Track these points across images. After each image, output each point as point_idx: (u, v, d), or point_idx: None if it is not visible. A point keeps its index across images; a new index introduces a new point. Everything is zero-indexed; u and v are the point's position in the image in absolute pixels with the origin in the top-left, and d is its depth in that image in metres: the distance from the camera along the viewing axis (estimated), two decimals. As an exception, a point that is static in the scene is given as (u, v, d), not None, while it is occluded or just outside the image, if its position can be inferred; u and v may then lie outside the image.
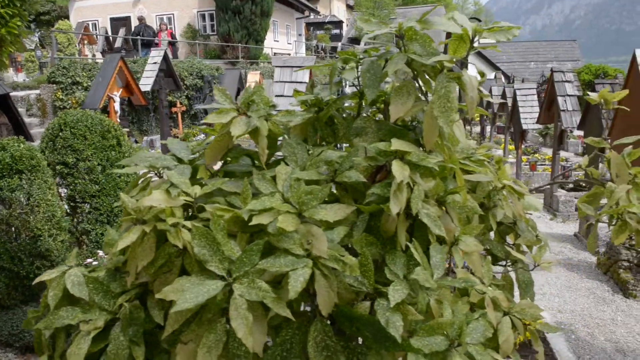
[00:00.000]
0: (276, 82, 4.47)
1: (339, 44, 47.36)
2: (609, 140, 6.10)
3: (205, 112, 11.97)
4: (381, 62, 1.62)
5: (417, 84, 1.59)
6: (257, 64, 24.19)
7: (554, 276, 6.32)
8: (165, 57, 9.18)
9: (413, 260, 1.45)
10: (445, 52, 1.61)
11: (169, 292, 1.28)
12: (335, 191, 1.62)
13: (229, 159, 1.82)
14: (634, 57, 5.62)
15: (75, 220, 5.14)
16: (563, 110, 8.10)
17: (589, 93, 2.81)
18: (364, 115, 1.81)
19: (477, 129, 15.76)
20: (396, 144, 1.47)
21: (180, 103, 13.96)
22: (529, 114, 9.67)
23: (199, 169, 1.73)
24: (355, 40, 46.31)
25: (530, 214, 2.03)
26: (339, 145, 1.88)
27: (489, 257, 1.70)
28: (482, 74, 1.60)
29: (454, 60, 1.58)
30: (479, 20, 41.81)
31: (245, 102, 1.61)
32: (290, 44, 36.76)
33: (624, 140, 2.06)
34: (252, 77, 12.21)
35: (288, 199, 1.46)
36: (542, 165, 11.03)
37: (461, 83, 1.51)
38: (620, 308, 5.50)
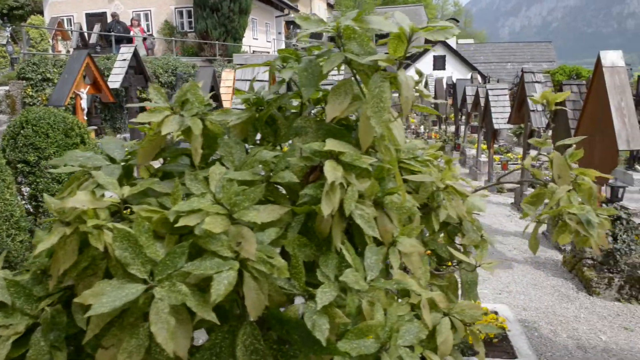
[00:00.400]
0: (238, 80, 4.43)
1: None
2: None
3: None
4: (320, 61, 1.60)
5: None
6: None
7: (521, 274, 6.38)
8: (135, 54, 9.04)
9: (346, 262, 1.43)
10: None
11: (88, 295, 1.24)
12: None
13: (169, 158, 1.78)
14: (598, 59, 5.69)
15: (37, 219, 5.03)
16: (533, 111, 8.18)
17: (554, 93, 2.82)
18: (306, 114, 1.78)
19: (452, 128, 15.86)
20: (330, 144, 1.45)
21: (156, 101, 13.75)
22: (501, 114, 9.75)
23: (141, 169, 1.69)
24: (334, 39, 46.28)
25: (478, 213, 2.02)
26: (282, 145, 1.85)
27: (426, 258, 1.68)
28: (420, 73, 1.59)
29: (398, 59, 1.57)
30: (457, 21, 42.21)
31: (179, 100, 1.57)
32: (269, 42, 36.62)
33: (567, 141, 2.07)
34: (227, 75, 12.08)
35: (219, 200, 1.42)
36: (514, 164, 11.14)
37: (397, 83, 1.48)
38: (584, 305, 5.57)
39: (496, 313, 4.47)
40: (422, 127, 19.51)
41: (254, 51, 31.31)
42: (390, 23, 1.51)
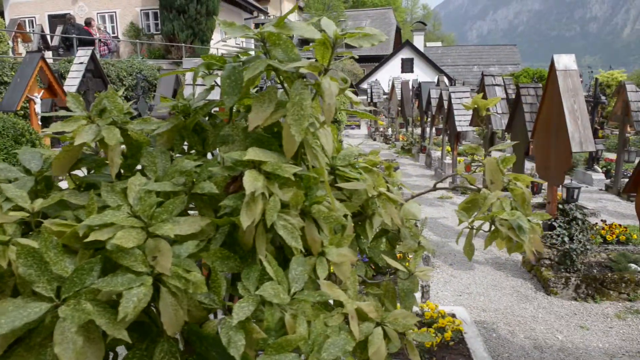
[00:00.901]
0: (187, 85, 4.36)
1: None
2: (531, 143, 6.21)
3: (150, 111, 11.67)
4: (244, 68, 1.56)
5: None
6: (204, 65, 23.77)
7: (482, 275, 6.44)
8: (92, 57, 8.84)
9: (268, 275, 1.39)
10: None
11: (-12, 316, 1.17)
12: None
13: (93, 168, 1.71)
14: (552, 63, 5.79)
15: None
16: (493, 113, 8.29)
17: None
18: (239, 121, 1.74)
19: (418, 130, 15.99)
20: (251, 153, 1.41)
21: (120, 105, 13.52)
22: (463, 117, 9.85)
23: (68, 181, 1.63)
24: (306, 42, 46.36)
25: (416, 219, 2.00)
26: (213, 154, 1.80)
27: (355, 269, 1.65)
28: (345, 80, 1.56)
29: (325, 65, 1.54)
30: (424, 24, 42.67)
31: (96, 108, 1.51)
32: (238, 44, 36.41)
33: (500, 146, 2.07)
34: (189, 75, 11.95)
35: (136, 213, 1.37)
36: (478, 166, 11.27)
37: (320, 90, 1.46)
38: (542, 305, 5.64)
39: (454, 315, 4.49)
40: (389, 129, 19.65)
41: (222, 54, 31.06)
42: (313, 29, 1.48)
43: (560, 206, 6.03)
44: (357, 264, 1.90)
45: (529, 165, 10.33)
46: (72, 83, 8.29)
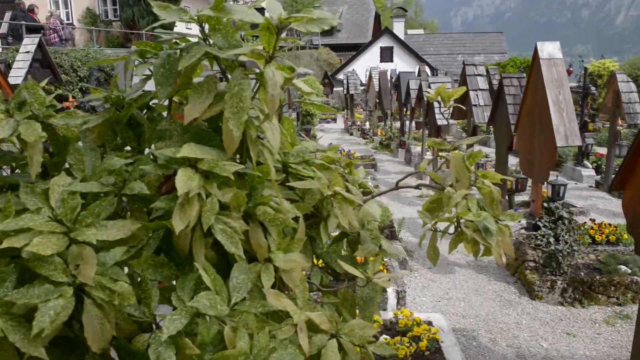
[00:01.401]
0: (135, 76, 4.28)
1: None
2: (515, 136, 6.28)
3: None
4: (179, 56, 1.53)
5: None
6: (166, 54, 23.58)
7: (462, 279, 6.50)
8: (40, 45, 8.65)
9: (204, 284, 1.37)
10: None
11: None
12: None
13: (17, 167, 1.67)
14: (535, 51, 5.87)
15: None
16: (475, 105, 8.38)
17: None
18: (179, 114, 1.71)
19: (398, 124, 16.08)
20: (186, 150, 1.38)
21: (73, 97, 13.34)
22: (444, 109, 9.88)
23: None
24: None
25: (376, 220, 1.99)
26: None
27: (304, 275, 1.64)
28: (292, 70, 1.54)
29: (268, 53, 1.52)
30: (405, 11, 42.86)
31: (15, 101, 1.47)
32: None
33: (466, 141, 2.08)
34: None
35: (57, 216, 1.33)
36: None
37: (262, 80, 1.44)
38: (526, 310, 5.72)
39: (430, 323, 4.52)
40: (367, 123, 19.71)
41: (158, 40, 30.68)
42: (254, 13, 1.46)
43: (546, 205, 6.11)
44: (312, 270, 1.89)
45: (514, 160, 10.45)
46: (17, 74, 8.11)
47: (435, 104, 10.12)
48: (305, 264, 1.66)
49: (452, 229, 1.89)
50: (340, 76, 31.01)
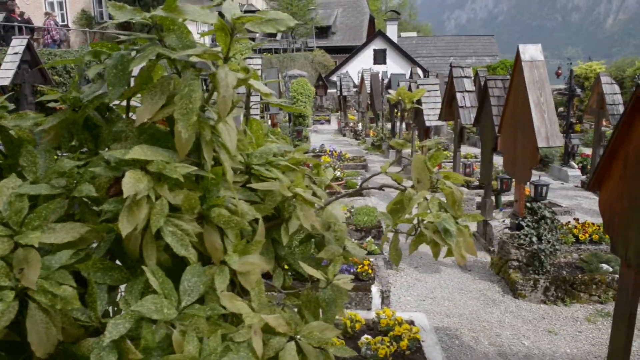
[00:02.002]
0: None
1: (256, 34, 47.07)
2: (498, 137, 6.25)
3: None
4: (133, 57, 1.49)
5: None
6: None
7: (448, 278, 6.46)
8: (29, 46, 8.58)
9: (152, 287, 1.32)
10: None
11: None
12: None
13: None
14: (517, 54, 5.84)
15: None
16: (462, 107, 8.34)
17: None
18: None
19: (389, 125, 16.04)
20: (136, 151, 1.34)
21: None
22: (432, 110, 9.90)
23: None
24: (273, 33, 46.24)
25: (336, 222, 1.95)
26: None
27: (260, 277, 1.59)
28: (246, 70, 1.50)
29: (222, 54, 1.48)
30: (398, 14, 42.83)
31: (-37, 102, 1.43)
32: (199, 33, 35.97)
33: (427, 142, 2.04)
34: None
35: (3, 219, 1.29)
36: (449, 163, 11.36)
37: (215, 81, 1.40)
38: (509, 309, 5.69)
39: (412, 323, 4.48)
40: (360, 124, 19.67)
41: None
42: (207, 13, 1.42)
43: (529, 204, 6.09)
44: (274, 272, 1.85)
45: (500, 161, 10.43)
46: (5, 75, 8.03)
47: (424, 106, 10.10)
48: (264, 266, 1.62)
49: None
50: (334, 78, 30.97)
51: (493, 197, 7.69)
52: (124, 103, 1.64)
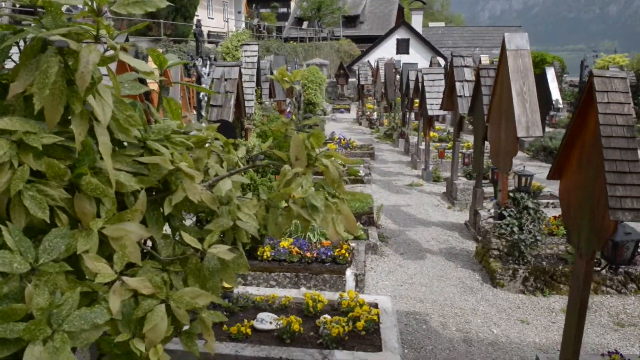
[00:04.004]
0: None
1: (285, 23, 47.07)
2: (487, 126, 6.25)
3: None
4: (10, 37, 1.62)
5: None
6: (187, 42, 23.91)
7: (431, 265, 6.52)
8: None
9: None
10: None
11: None
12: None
13: None
14: (503, 42, 5.83)
15: None
16: (460, 97, 8.32)
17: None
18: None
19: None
20: (4, 122, 1.47)
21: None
22: (436, 100, 9.88)
23: None
24: (302, 20, 46.22)
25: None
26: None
27: (134, 243, 1.70)
28: (113, 48, 1.61)
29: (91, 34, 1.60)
30: (424, 3, 42.34)
31: None
32: (226, 21, 36.33)
33: (307, 121, 2.12)
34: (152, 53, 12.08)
35: None
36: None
37: (76, 58, 1.51)
38: (486, 297, 5.73)
39: (375, 305, 4.57)
40: (375, 114, 19.66)
41: (209, 32, 31.03)
42: (75, -4, 1.53)
43: (511, 195, 6.10)
44: (166, 242, 1.97)
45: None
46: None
47: (427, 95, 10.09)
48: (142, 233, 1.74)
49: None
50: (356, 67, 30.88)
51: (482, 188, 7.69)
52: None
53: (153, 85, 4.14)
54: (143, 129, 1.94)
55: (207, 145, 2.15)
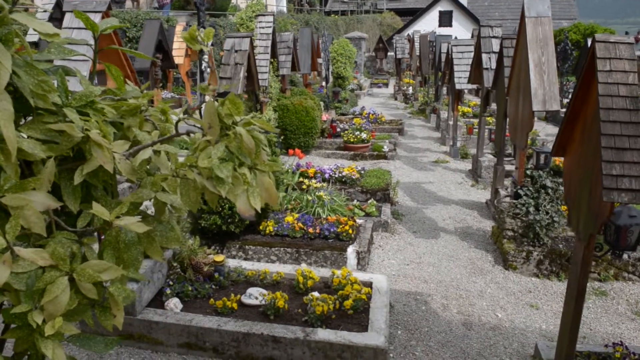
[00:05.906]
0: (64, 27, 4.35)
1: (331, -4, 46.47)
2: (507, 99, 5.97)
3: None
4: None
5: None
6: (225, 16, 23.93)
7: (442, 245, 6.35)
8: (57, 4, 8.92)
9: None
10: None
11: None
12: None
13: None
14: (522, 9, 5.51)
15: None
16: (486, 69, 7.99)
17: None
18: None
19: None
20: None
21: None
22: (464, 73, 9.55)
23: None
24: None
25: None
26: None
27: (37, 213, 1.65)
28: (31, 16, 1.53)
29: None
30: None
31: None
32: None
33: (213, 87, 2.00)
34: (179, 28, 12.11)
35: None
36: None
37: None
38: (495, 280, 5.54)
39: (370, 284, 4.47)
40: (410, 88, 19.27)
41: (247, 5, 30.95)
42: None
43: (529, 172, 5.84)
44: (84, 213, 1.91)
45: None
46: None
47: (456, 68, 9.76)
48: (48, 203, 1.69)
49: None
50: (394, 41, 30.31)
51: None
52: None
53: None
54: (65, 95, 1.89)
55: (141, 113, 2.08)
